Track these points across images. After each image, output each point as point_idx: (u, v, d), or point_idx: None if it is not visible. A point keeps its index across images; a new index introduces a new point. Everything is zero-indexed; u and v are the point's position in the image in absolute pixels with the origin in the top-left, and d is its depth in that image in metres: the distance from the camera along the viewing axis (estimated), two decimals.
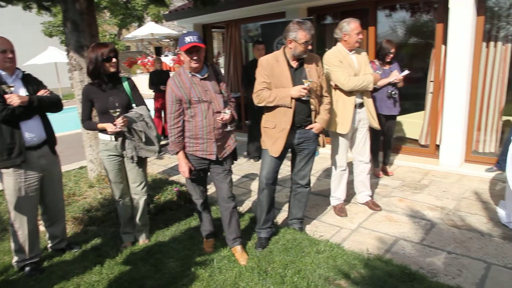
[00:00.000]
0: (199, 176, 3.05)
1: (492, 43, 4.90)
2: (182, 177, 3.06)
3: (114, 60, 3.03)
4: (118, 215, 3.39)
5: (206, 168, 3.02)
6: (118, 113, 2.88)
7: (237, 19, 7.40)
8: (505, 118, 5.14)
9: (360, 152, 3.83)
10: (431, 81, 5.35)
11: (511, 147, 3.42)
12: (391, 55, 4.59)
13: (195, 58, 2.69)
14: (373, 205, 3.97)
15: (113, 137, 3.08)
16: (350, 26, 3.47)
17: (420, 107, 5.72)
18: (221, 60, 11.14)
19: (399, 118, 5.07)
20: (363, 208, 3.98)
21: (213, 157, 2.91)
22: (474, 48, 4.81)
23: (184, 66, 2.81)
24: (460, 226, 3.52)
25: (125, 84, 3.19)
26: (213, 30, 8.72)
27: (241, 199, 4.40)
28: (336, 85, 3.55)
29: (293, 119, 3.02)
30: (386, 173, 5.01)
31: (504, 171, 3.63)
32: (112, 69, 3.05)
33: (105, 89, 3.06)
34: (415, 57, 5.16)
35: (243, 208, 4.15)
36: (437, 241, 3.28)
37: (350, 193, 4.23)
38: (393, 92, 4.56)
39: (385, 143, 4.95)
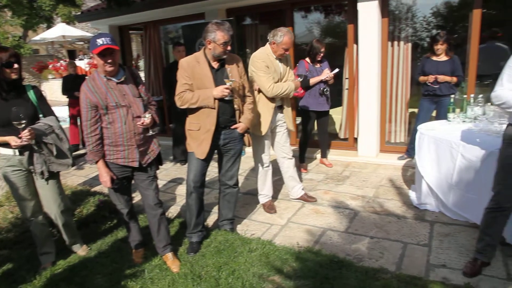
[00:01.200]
0: (122, 184, 2.91)
1: (396, 43, 5.35)
2: (105, 187, 2.88)
3: (15, 66, 2.75)
4: (33, 236, 3.10)
5: (129, 176, 2.89)
6: (23, 125, 2.61)
7: (155, 21, 7.20)
8: (411, 110, 5.64)
9: (282, 149, 3.94)
10: (346, 78, 5.69)
11: (417, 136, 3.78)
12: (321, 54, 4.77)
13: (109, 61, 2.55)
14: (308, 198, 4.10)
15: (17, 151, 2.79)
16: (282, 39, 3.48)
17: (338, 103, 6.06)
18: (141, 63, 10.75)
19: None
20: (292, 203, 4.10)
21: (136, 164, 2.79)
22: (381, 47, 5.21)
23: (98, 70, 2.65)
24: (380, 212, 3.78)
25: (31, 93, 2.91)
26: (130, 32, 8.38)
27: (169, 205, 4.29)
28: (259, 88, 3.61)
29: (217, 119, 3.01)
30: (325, 165, 5.27)
31: (413, 158, 3.97)
32: (14, 76, 2.76)
33: (7, 98, 2.76)
34: (331, 56, 5.47)
35: (172, 213, 4.04)
36: (361, 228, 3.49)
37: (278, 190, 4.34)
38: (325, 89, 4.76)
39: (321, 138, 5.15)
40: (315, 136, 5.67)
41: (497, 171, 2.63)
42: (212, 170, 4.05)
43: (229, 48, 2.96)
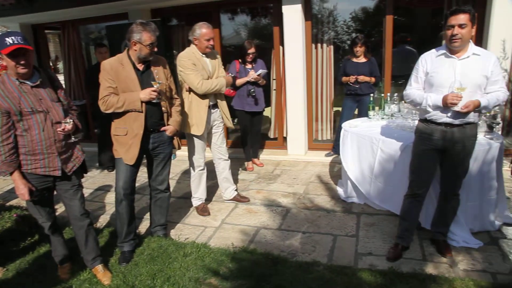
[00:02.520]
0: (43, 196, 2.68)
1: (319, 45, 5.61)
2: (22, 200, 2.64)
3: None
4: None
5: (50, 186, 2.67)
6: None
7: (74, 20, 6.75)
8: (335, 109, 5.95)
9: (219, 150, 3.94)
10: (274, 79, 5.84)
11: (342, 133, 4.00)
12: (251, 55, 4.81)
13: (22, 62, 2.34)
14: (241, 198, 4.13)
15: None
16: (200, 31, 3.48)
17: (267, 103, 6.18)
18: (61, 65, 10.02)
19: None
20: (225, 204, 4.11)
21: (58, 173, 2.59)
22: (306, 49, 5.43)
23: (9, 72, 2.43)
24: (310, 207, 3.93)
25: None
26: (47, 31, 7.78)
27: (97, 214, 4.06)
28: (189, 87, 3.57)
29: (145, 123, 2.92)
30: (257, 165, 5.32)
31: (339, 154, 4.19)
32: None
33: None
34: (259, 57, 5.60)
35: (101, 223, 3.83)
36: (293, 224, 3.60)
37: (211, 192, 4.32)
38: (252, 90, 4.81)
39: (253, 138, 5.20)
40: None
41: (411, 161, 2.89)
42: (142, 176, 3.91)
43: (155, 49, 2.88)
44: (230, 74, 4.71)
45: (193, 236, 3.48)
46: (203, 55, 3.61)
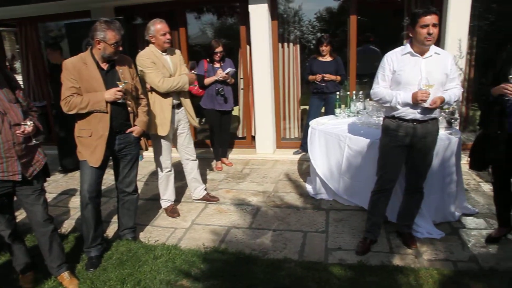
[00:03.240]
0: (2, 202, 2.55)
1: (285, 44, 5.67)
2: None
3: None
4: None
5: (10, 192, 2.54)
6: None
7: (32, 17, 6.45)
8: (302, 107, 6.03)
9: (186, 150, 3.89)
10: (241, 78, 5.84)
11: (309, 131, 4.06)
12: (219, 54, 4.77)
13: None
14: (210, 198, 4.11)
15: None
16: (154, 28, 3.44)
17: (235, 102, 6.17)
18: (18, 65, 9.56)
19: None
20: (195, 205, 4.07)
21: (18, 178, 2.47)
22: (273, 48, 5.46)
23: None
24: (280, 205, 3.97)
25: None
26: (1, 28, 7.40)
27: (61, 220, 3.91)
28: (151, 87, 3.50)
29: (110, 124, 2.84)
30: (226, 164, 5.30)
31: (307, 152, 4.25)
32: None
33: None
34: (226, 56, 5.59)
35: (66, 229, 3.70)
36: (263, 222, 3.62)
37: (180, 193, 4.27)
38: (221, 89, 4.77)
39: (222, 137, 5.17)
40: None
41: (378, 158, 2.97)
42: (108, 178, 3.80)
43: (120, 48, 2.81)
44: (193, 71, 4.65)
45: (163, 238, 3.42)
46: (163, 53, 3.56)
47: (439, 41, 4.93)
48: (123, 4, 5.85)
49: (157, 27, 3.43)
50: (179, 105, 3.71)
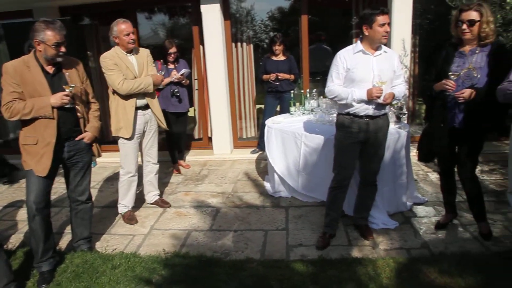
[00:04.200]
0: None
1: (239, 44, 5.68)
2: None
3: None
4: None
5: None
6: None
7: None
8: (258, 106, 6.07)
9: (149, 153, 3.80)
10: (196, 79, 5.78)
11: (266, 129, 4.09)
12: (173, 55, 4.67)
13: None
14: (162, 203, 4.02)
15: None
16: (117, 28, 3.36)
17: (191, 103, 6.09)
18: None
19: None
20: (153, 210, 3.97)
21: None
22: (226, 48, 5.45)
23: None
24: (240, 205, 3.97)
25: None
26: None
27: (8, 234, 3.66)
28: (113, 89, 3.40)
29: (58, 130, 2.70)
30: (183, 167, 5.23)
31: (264, 150, 4.29)
32: None
33: None
34: (180, 57, 5.51)
35: (13, 244, 3.47)
36: (224, 223, 3.60)
37: (137, 198, 4.14)
38: (175, 91, 4.68)
39: (178, 139, 5.07)
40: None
41: (335, 154, 3.05)
42: (60, 187, 3.62)
43: (63, 49, 2.66)
44: (160, 72, 4.53)
45: (121, 246, 3.31)
46: (128, 54, 3.46)
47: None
48: (69, 3, 5.59)
49: (120, 28, 3.34)
50: (146, 107, 3.61)
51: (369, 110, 2.82)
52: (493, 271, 2.62)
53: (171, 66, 4.76)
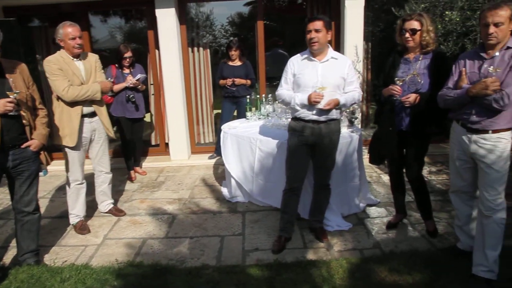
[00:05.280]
0: None
1: (196, 49, 5.64)
2: None
3: None
4: None
5: None
6: None
7: None
8: (216, 111, 6.06)
9: (100, 162, 3.67)
10: (151, 84, 5.68)
11: (221, 135, 4.09)
12: (128, 59, 4.56)
13: None
14: (116, 212, 3.91)
15: None
16: (63, 31, 3.21)
17: (146, 109, 5.98)
18: None
19: None
20: (107, 219, 3.85)
21: None
22: (182, 52, 5.40)
23: None
24: (197, 211, 3.93)
25: None
26: None
27: None
28: (58, 95, 3.26)
29: (1, 138, 2.56)
30: (139, 173, 5.13)
31: (221, 155, 4.28)
32: None
33: None
34: (137, 62, 5.39)
35: None
36: (180, 230, 3.56)
37: (90, 207, 4.01)
38: (131, 96, 4.57)
39: (134, 146, 4.95)
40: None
41: (286, 158, 3.11)
42: (5, 198, 3.43)
43: None
44: (110, 79, 4.41)
45: (72, 258, 3.18)
46: (75, 59, 3.33)
47: (339, 47, 5.31)
48: (14, 4, 5.32)
49: (66, 31, 3.20)
50: (93, 114, 3.48)
51: (312, 115, 2.89)
52: (438, 267, 2.76)
53: (126, 70, 4.66)
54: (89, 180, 3.76)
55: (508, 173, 2.48)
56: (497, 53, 2.37)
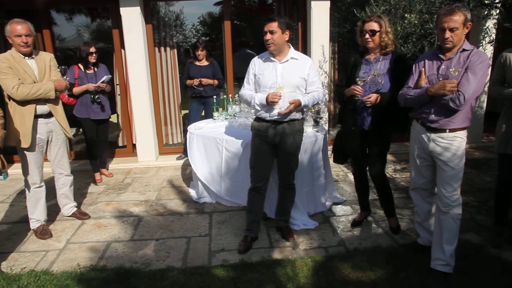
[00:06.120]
0: None
1: (162, 48, 5.57)
2: None
3: None
4: None
5: None
6: None
7: None
8: (184, 112, 5.99)
9: (59, 164, 3.55)
10: (117, 84, 5.56)
11: (188, 135, 4.06)
12: (94, 55, 4.44)
13: None
14: (80, 215, 3.80)
15: None
16: (10, 27, 3.11)
17: (113, 110, 5.84)
18: None
19: None
20: (70, 222, 3.74)
21: None
22: (149, 52, 5.31)
23: None
24: (163, 213, 3.88)
25: None
26: None
27: None
28: (8, 94, 3.13)
29: None
30: (105, 175, 5.02)
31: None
32: None
33: None
34: (101, 61, 5.24)
35: None
36: (146, 232, 3.50)
37: (53, 211, 3.88)
38: (96, 97, 4.46)
39: (100, 147, 4.83)
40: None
41: (250, 157, 3.13)
42: None
43: None
44: (65, 77, 4.26)
45: (31, 264, 3.06)
46: (26, 57, 3.21)
47: (306, 47, 5.37)
48: None
49: (13, 28, 3.09)
50: (49, 115, 3.37)
51: (273, 114, 2.91)
52: (399, 262, 2.85)
53: (90, 71, 4.53)
54: (52, 183, 3.64)
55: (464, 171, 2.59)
56: (453, 55, 2.46)
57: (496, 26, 4.51)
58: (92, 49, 4.44)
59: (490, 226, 3.30)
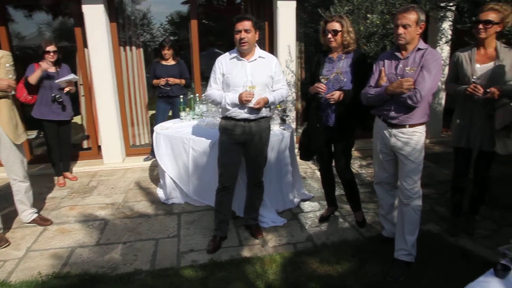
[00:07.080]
0: None
1: (128, 48, 5.45)
2: None
3: None
4: None
5: None
6: None
7: None
8: (151, 112, 5.89)
9: (12, 170, 3.39)
10: (81, 84, 5.39)
11: (154, 136, 4.00)
12: (52, 54, 4.25)
13: None
14: (41, 221, 3.66)
15: None
16: None
17: (77, 111, 5.67)
18: None
19: None
20: (31, 229, 3.59)
21: None
22: (113, 51, 5.19)
23: None
24: (131, 216, 3.80)
25: None
26: None
27: None
28: None
29: None
30: (69, 179, 4.86)
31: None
32: None
33: None
34: (63, 61, 5.06)
35: None
36: (112, 236, 3.42)
37: (11, 217, 3.73)
38: (57, 96, 4.30)
39: (62, 150, 4.67)
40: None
41: (218, 157, 3.12)
42: None
43: None
44: (10, 76, 4.02)
45: None
46: None
47: (272, 47, 5.41)
48: None
49: None
50: None
51: (244, 113, 2.93)
52: (365, 254, 2.92)
53: (52, 69, 4.36)
54: (9, 188, 3.49)
55: (423, 164, 2.69)
56: (409, 54, 2.55)
57: (452, 28, 4.71)
58: (50, 48, 4.25)
59: (448, 217, 3.44)
